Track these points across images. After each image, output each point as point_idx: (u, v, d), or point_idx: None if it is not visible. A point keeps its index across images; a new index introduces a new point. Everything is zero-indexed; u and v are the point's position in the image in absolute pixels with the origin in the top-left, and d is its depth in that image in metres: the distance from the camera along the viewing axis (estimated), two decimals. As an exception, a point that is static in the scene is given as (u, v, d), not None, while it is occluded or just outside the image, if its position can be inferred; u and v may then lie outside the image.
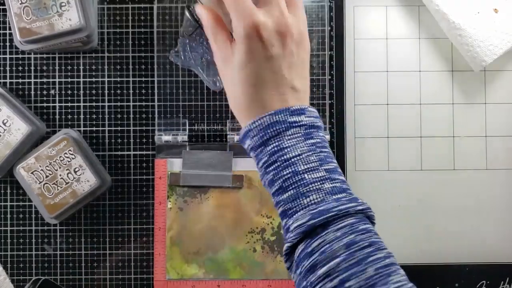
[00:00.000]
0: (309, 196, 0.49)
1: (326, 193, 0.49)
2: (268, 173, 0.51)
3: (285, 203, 0.50)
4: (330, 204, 0.48)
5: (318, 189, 0.49)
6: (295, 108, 0.51)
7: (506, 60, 0.73)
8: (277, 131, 0.50)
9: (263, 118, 0.51)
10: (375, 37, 0.73)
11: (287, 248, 0.49)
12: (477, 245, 0.73)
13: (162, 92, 0.71)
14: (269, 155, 0.50)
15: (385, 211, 0.72)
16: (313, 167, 0.50)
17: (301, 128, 0.51)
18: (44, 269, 0.72)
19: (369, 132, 0.73)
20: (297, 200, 0.49)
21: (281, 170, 0.50)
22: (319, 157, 0.50)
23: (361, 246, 0.46)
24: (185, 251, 0.70)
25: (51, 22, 0.65)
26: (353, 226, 0.48)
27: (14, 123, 0.67)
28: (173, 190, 0.70)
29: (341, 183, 0.50)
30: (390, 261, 0.47)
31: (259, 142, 0.51)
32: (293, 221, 0.49)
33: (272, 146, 0.50)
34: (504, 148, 0.73)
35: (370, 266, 0.45)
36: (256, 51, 0.51)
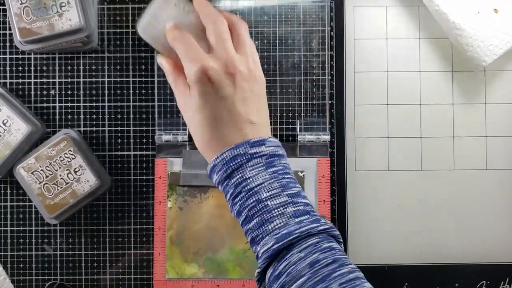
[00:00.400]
0: (273, 222, 0.51)
1: (289, 217, 0.51)
2: (235, 204, 0.53)
3: (252, 231, 0.52)
4: (293, 227, 0.50)
5: (281, 214, 0.51)
6: (254, 140, 0.53)
7: (506, 60, 0.73)
8: (239, 164, 0.53)
9: (225, 153, 0.53)
10: (375, 37, 0.73)
11: (257, 274, 0.51)
12: (477, 245, 0.73)
13: (162, 92, 0.71)
14: (234, 186, 0.53)
15: (385, 211, 0.72)
16: (275, 193, 0.52)
17: (262, 158, 0.53)
18: (44, 269, 0.72)
19: (369, 132, 0.73)
20: (263, 227, 0.51)
21: (246, 200, 0.52)
22: (281, 184, 0.52)
23: (324, 263, 0.48)
24: (184, 251, 0.70)
25: (51, 22, 0.65)
26: (316, 246, 0.49)
27: (14, 123, 0.67)
28: (173, 189, 0.70)
29: (304, 206, 0.52)
30: (354, 275, 0.48)
31: (224, 176, 0.53)
32: (260, 247, 0.51)
33: (236, 178, 0.53)
34: (504, 148, 0.73)
35: (334, 282, 0.47)
36: (209, 93, 0.54)
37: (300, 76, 0.72)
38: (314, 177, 0.71)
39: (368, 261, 0.72)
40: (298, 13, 0.72)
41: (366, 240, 0.72)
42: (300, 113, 0.72)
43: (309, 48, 0.72)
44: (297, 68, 0.72)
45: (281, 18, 0.72)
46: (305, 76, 0.72)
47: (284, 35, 0.72)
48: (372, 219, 0.73)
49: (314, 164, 0.71)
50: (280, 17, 0.72)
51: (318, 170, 0.71)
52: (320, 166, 0.71)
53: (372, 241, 0.72)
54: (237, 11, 0.71)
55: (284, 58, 0.72)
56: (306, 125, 0.72)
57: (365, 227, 0.72)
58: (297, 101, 0.72)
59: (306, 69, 0.72)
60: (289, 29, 0.72)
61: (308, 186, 0.70)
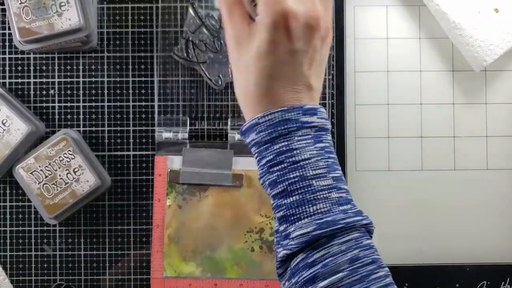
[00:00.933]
0: (316, 205, 0.46)
1: (333, 203, 0.47)
2: (272, 173, 0.48)
3: (288, 208, 0.47)
4: (337, 215, 0.46)
5: (326, 198, 0.47)
6: (308, 107, 0.48)
7: (507, 60, 0.73)
8: (287, 130, 0.47)
9: (275, 114, 0.47)
10: (375, 37, 0.73)
11: (284, 255, 0.47)
12: (477, 245, 0.73)
13: (162, 92, 0.71)
14: (276, 154, 0.47)
15: (385, 211, 0.72)
16: (321, 173, 0.47)
17: (312, 130, 0.48)
18: (44, 269, 0.72)
19: (369, 132, 0.73)
20: (303, 207, 0.46)
21: (287, 172, 0.47)
22: (327, 163, 0.48)
23: (364, 262, 0.45)
24: (183, 249, 0.70)
25: (51, 22, 0.65)
26: (358, 241, 0.46)
27: (13, 123, 0.67)
28: (172, 187, 0.70)
29: (346, 193, 0.48)
30: (389, 280, 0.46)
31: (266, 139, 0.48)
32: (296, 228, 0.46)
33: (280, 146, 0.47)
34: (504, 148, 0.73)
35: (372, 285, 0.44)
36: (280, 42, 0.47)
37: (300, 76, 0.72)
38: (314, 177, 0.71)
39: (368, 261, 0.72)
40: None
41: (366, 240, 0.72)
42: (300, 112, 0.72)
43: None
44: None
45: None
46: (305, 76, 0.72)
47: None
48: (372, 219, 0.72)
49: (314, 164, 0.71)
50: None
51: (318, 170, 0.71)
52: (320, 165, 0.71)
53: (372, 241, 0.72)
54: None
55: (284, 57, 0.72)
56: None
57: (365, 227, 0.72)
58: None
59: (306, 69, 0.72)
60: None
61: (308, 186, 0.70)
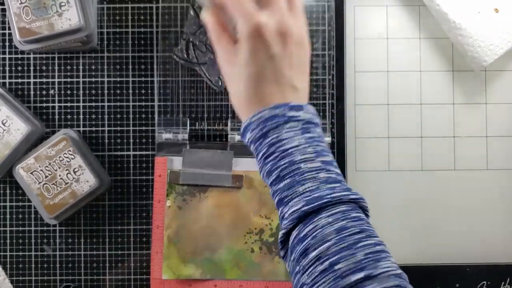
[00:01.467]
0: (304, 184, 0.50)
1: (321, 182, 0.50)
2: (266, 164, 0.53)
3: (281, 191, 0.51)
4: (324, 191, 0.50)
5: (313, 178, 0.50)
6: (294, 104, 0.53)
7: (507, 60, 0.73)
8: (276, 124, 0.52)
9: (263, 112, 0.53)
10: (375, 37, 0.73)
11: (282, 235, 0.51)
12: (477, 245, 0.73)
13: (162, 92, 0.71)
14: (268, 146, 0.52)
15: (385, 211, 0.72)
16: (309, 157, 0.51)
17: (299, 123, 0.53)
18: (44, 269, 0.72)
19: (369, 132, 0.73)
20: (293, 188, 0.51)
21: (278, 160, 0.52)
22: (315, 150, 0.52)
23: (352, 232, 0.48)
24: (182, 250, 0.70)
25: (51, 22, 0.65)
26: (345, 213, 0.49)
27: (13, 123, 0.67)
28: (172, 188, 0.70)
29: (336, 174, 0.52)
30: (380, 248, 0.48)
31: (259, 135, 0.53)
32: (288, 208, 0.50)
33: (271, 138, 0.52)
34: (504, 148, 0.73)
35: (360, 251, 0.46)
36: (259, 50, 0.53)
37: (301, 76, 0.72)
38: (314, 177, 0.71)
39: (368, 261, 0.72)
40: (299, 13, 0.71)
41: (366, 240, 0.72)
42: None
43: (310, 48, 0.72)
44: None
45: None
46: (305, 76, 0.72)
47: (284, 35, 0.72)
48: (372, 219, 0.72)
49: (314, 164, 0.71)
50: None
51: (318, 170, 0.71)
52: (320, 166, 0.71)
53: (372, 241, 0.72)
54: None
55: (284, 58, 0.72)
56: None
57: (365, 227, 0.72)
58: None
59: (306, 68, 0.72)
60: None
61: (308, 186, 0.70)
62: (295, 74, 0.55)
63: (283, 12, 0.54)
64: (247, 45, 0.53)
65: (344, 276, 0.45)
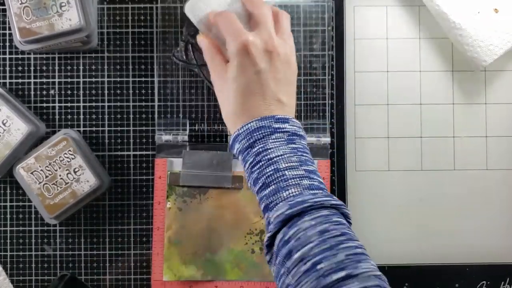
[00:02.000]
0: (288, 190, 0.53)
1: (304, 188, 0.53)
2: (253, 172, 0.56)
3: (267, 197, 0.54)
4: (307, 196, 0.52)
5: (297, 184, 0.53)
6: (279, 117, 0.57)
7: (507, 60, 0.73)
8: (262, 135, 0.56)
9: (251, 123, 0.57)
10: (375, 37, 0.73)
11: (268, 239, 0.53)
12: (477, 245, 0.73)
13: (162, 92, 0.71)
14: (254, 155, 0.56)
15: (385, 211, 0.72)
16: (293, 166, 0.55)
17: (285, 134, 0.56)
18: (44, 269, 0.72)
19: (369, 132, 0.73)
20: (278, 194, 0.54)
21: (264, 168, 0.55)
22: (299, 159, 0.55)
23: (333, 234, 0.50)
24: (183, 252, 0.70)
25: (51, 22, 0.65)
26: (327, 217, 0.51)
27: (13, 123, 0.67)
28: (172, 190, 0.70)
29: (318, 182, 0.55)
30: (361, 251, 0.50)
31: (246, 145, 0.56)
32: (273, 212, 0.53)
33: (258, 148, 0.56)
34: (504, 148, 0.73)
35: (341, 252, 0.49)
36: (246, 65, 0.57)
37: (301, 76, 0.72)
38: (314, 178, 0.71)
39: (368, 261, 0.72)
40: (299, 13, 0.71)
41: (366, 240, 0.72)
42: (300, 113, 0.72)
43: (309, 48, 0.72)
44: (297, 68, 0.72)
45: (281, 18, 0.72)
46: (305, 76, 0.72)
47: (284, 35, 0.72)
48: (372, 219, 0.73)
49: (314, 165, 0.71)
50: (280, 17, 0.72)
51: (318, 171, 0.71)
52: (320, 168, 0.71)
53: (372, 241, 0.72)
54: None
55: (284, 58, 0.72)
56: (306, 126, 0.72)
57: (365, 227, 0.72)
58: (297, 101, 0.72)
59: (306, 69, 0.72)
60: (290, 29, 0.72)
61: (308, 187, 0.70)
62: (281, 89, 0.59)
63: (270, 32, 0.59)
64: (235, 61, 0.58)
65: (326, 275, 0.47)
